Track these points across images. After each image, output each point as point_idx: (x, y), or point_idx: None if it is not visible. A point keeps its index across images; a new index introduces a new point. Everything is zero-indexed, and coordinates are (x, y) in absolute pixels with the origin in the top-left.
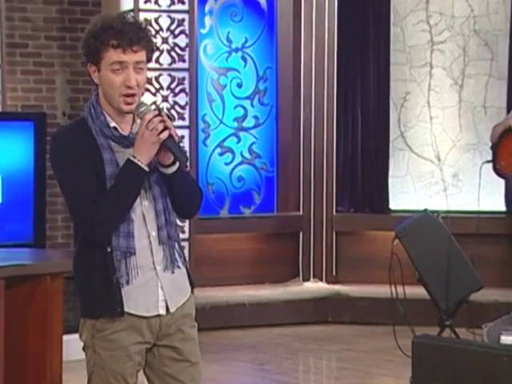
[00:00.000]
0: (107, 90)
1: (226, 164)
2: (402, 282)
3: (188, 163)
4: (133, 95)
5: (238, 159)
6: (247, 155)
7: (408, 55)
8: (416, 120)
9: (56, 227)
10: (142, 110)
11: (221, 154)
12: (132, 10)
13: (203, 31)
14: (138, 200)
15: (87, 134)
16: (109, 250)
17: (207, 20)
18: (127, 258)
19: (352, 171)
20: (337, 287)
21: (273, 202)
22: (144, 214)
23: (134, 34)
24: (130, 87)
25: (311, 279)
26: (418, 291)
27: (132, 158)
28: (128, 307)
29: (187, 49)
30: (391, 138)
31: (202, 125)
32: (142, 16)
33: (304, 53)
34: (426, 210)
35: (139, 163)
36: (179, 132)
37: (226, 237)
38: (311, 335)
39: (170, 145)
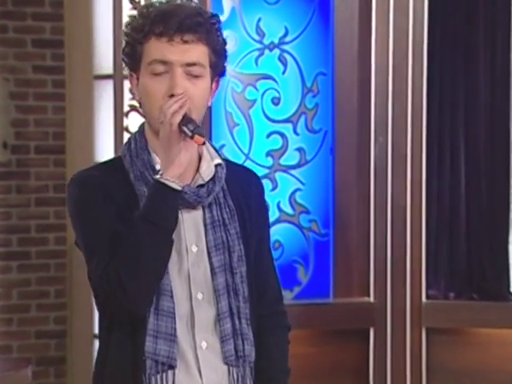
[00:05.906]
0: (145, 106)
1: None
2: None
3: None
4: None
5: (274, 215)
6: (288, 209)
7: None
8: None
9: None
10: None
11: None
12: None
13: (221, 18)
14: (185, 286)
15: (122, 178)
16: (142, 356)
17: (226, 2)
18: (164, 373)
19: (451, 236)
20: None
21: (328, 282)
22: (193, 309)
23: (187, 18)
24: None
25: None
26: None
27: (156, 177)
28: None
29: None
30: None
31: None
32: None
33: (376, 53)
34: None
35: (163, 180)
36: None
37: None
38: None
39: (182, 127)
